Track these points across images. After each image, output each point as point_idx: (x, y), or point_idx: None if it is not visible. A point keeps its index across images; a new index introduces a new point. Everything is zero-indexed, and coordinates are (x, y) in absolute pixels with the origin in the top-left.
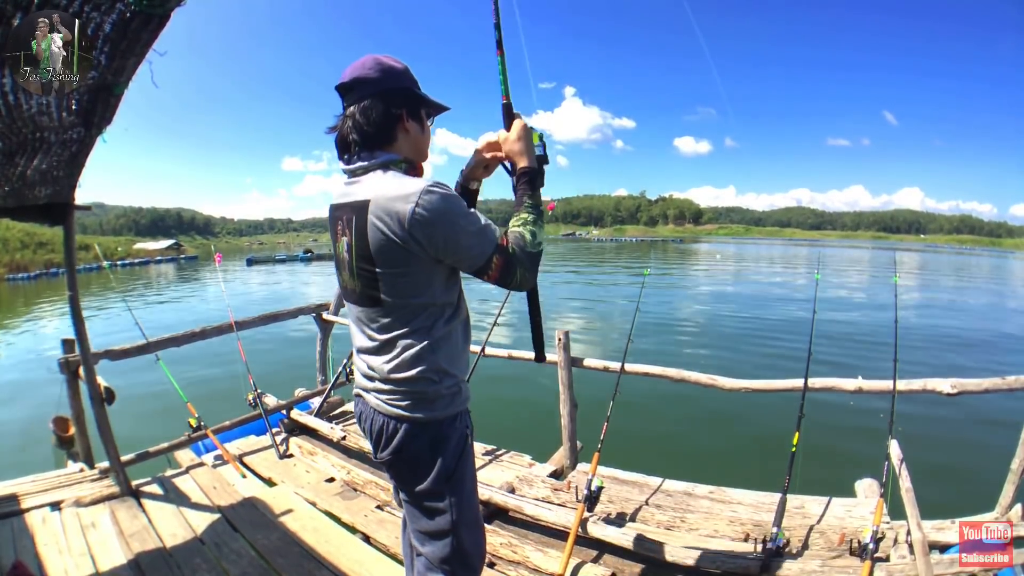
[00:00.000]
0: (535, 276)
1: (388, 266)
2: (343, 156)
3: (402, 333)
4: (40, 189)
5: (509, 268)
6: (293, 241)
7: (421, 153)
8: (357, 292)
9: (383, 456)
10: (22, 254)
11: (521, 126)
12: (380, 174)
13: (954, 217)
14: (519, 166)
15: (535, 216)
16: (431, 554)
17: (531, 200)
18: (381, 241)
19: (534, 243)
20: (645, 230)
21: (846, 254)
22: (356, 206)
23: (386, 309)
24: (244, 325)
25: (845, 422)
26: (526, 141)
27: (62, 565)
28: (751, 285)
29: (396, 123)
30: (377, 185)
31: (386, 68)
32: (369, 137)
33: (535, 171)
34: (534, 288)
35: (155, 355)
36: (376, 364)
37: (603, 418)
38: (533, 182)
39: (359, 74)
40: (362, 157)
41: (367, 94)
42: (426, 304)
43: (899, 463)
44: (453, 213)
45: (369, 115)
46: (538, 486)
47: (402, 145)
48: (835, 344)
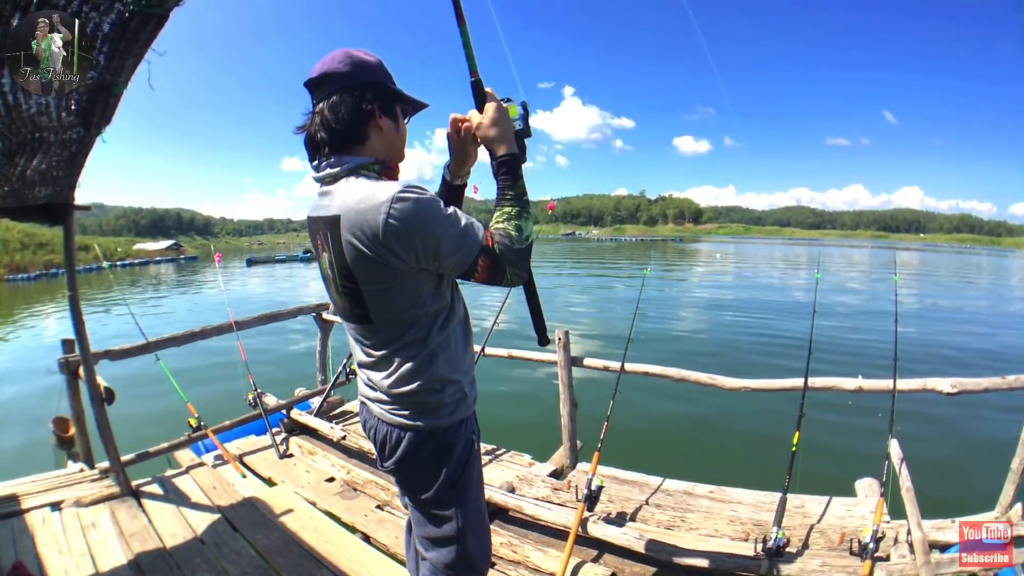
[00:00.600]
0: (526, 270)
1: (371, 283)
2: (313, 160)
3: (397, 348)
4: (40, 189)
5: (496, 268)
6: (293, 241)
7: (396, 153)
8: (347, 310)
9: (388, 466)
10: (22, 255)
11: (495, 107)
12: (351, 181)
13: (954, 216)
14: (497, 153)
15: (519, 208)
16: (436, 560)
17: (513, 191)
18: (358, 258)
19: (520, 238)
20: (645, 230)
21: (846, 253)
22: (329, 221)
23: (376, 325)
24: (244, 325)
25: (845, 422)
26: (502, 124)
27: (62, 565)
28: (751, 285)
29: (367, 120)
30: (346, 197)
31: (357, 62)
32: (338, 136)
33: (515, 156)
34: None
35: (155, 355)
36: (376, 379)
37: (603, 418)
38: (514, 170)
39: (328, 68)
40: (331, 163)
41: (336, 89)
42: (417, 315)
43: (899, 462)
44: (429, 218)
45: (338, 111)
46: (538, 486)
47: (374, 144)
48: (835, 343)
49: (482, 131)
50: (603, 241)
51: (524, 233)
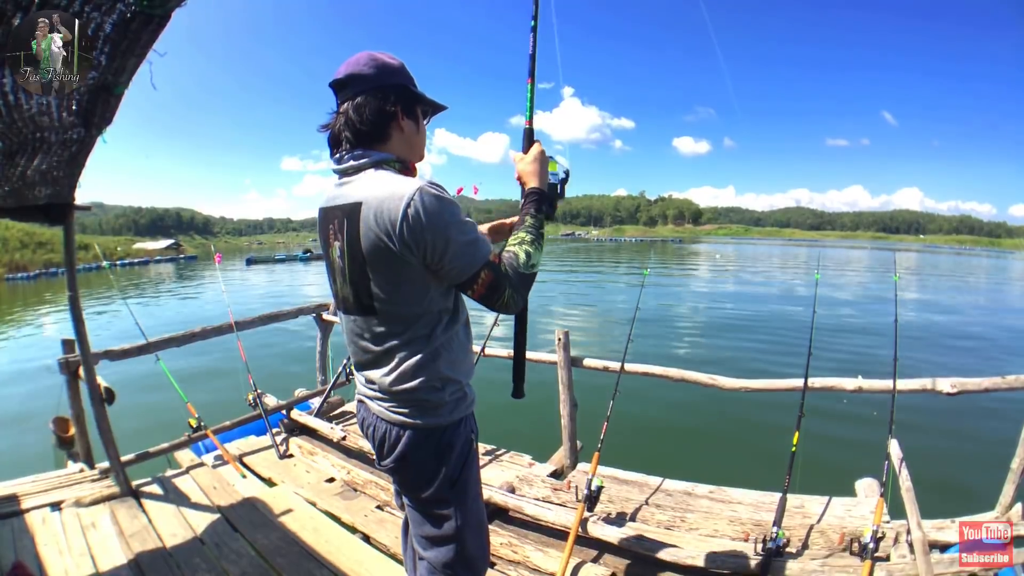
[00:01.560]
0: (524, 299)
1: (382, 272)
2: (334, 154)
3: (400, 343)
4: (40, 189)
5: (497, 286)
6: (292, 241)
7: (416, 152)
8: (351, 300)
9: (387, 464)
10: (22, 254)
11: (539, 151)
12: (372, 173)
13: (953, 217)
14: (528, 186)
15: (534, 237)
16: (434, 559)
17: (533, 220)
18: (374, 245)
19: (527, 264)
20: (645, 230)
21: (846, 254)
22: (348, 208)
23: (381, 318)
24: (244, 325)
25: (845, 422)
26: (540, 164)
27: (62, 565)
28: (751, 285)
29: (390, 120)
30: (370, 185)
31: (381, 64)
32: (362, 135)
33: (543, 193)
34: (524, 313)
35: (155, 355)
36: (376, 378)
37: (603, 418)
38: (539, 203)
39: (354, 70)
40: (354, 156)
41: (361, 90)
42: (422, 312)
43: (899, 462)
44: (446, 218)
45: (363, 112)
46: (538, 486)
47: (396, 144)
48: (835, 343)
49: (521, 164)
50: (603, 242)
51: (531, 260)
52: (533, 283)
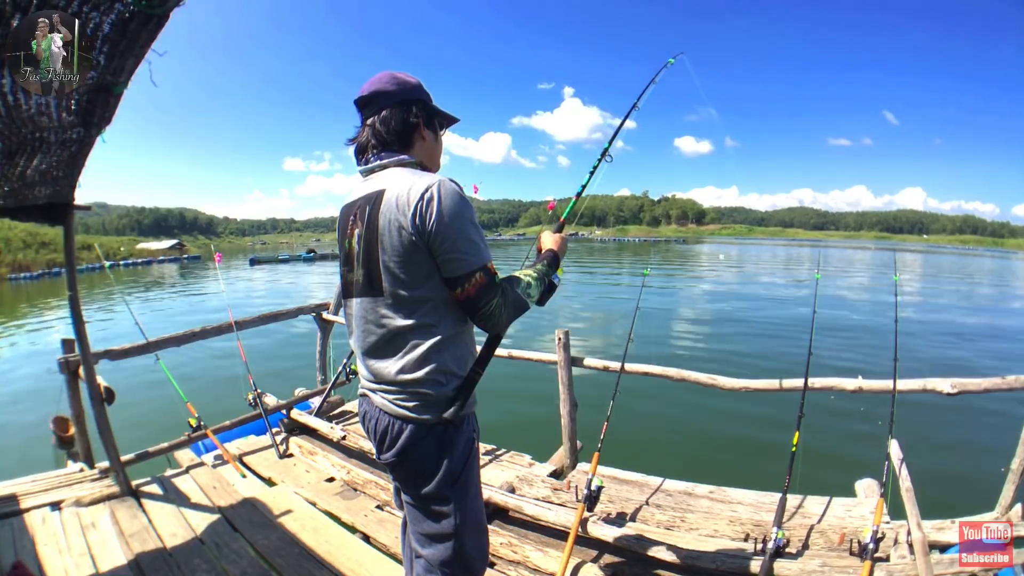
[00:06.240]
0: (509, 319)
1: (394, 252)
2: (360, 161)
3: (406, 327)
4: (40, 189)
5: (488, 291)
6: (296, 241)
7: (435, 161)
8: (362, 282)
9: (386, 457)
10: (24, 254)
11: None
12: (398, 169)
13: (957, 217)
14: (544, 247)
15: (539, 276)
16: (432, 556)
17: (545, 268)
18: (390, 223)
19: (526, 291)
20: (648, 230)
21: (849, 255)
22: (371, 196)
23: (389, 299)
24: (244, 325)
25: (845, 422)
26: (562, 243)
27: (62, 565)
28: (752, 285)
29: (413, 130)
30: (394, 176)
31: (402, 82)
32: (388, 144)
33: (556, 257)
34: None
35: (155, 355)
36: (381, 368)
37: (603, 418)
38: (553, 263)
39: (377, 87)
40: (380, 157)
41: (386, 105)
42: (427, 298)
43: (899, 463)
44: (459, 212)
45: (389, 123)
46: (538, 486)
47: (418, 151)
48: (836, 343)
49: (547, 237)
50: (606, 242)
51: (530, 289)
52: (521, 314)
